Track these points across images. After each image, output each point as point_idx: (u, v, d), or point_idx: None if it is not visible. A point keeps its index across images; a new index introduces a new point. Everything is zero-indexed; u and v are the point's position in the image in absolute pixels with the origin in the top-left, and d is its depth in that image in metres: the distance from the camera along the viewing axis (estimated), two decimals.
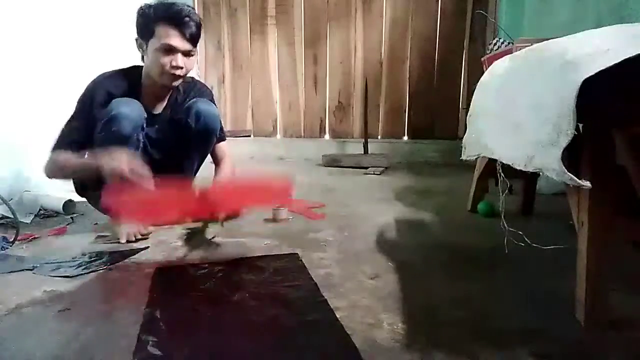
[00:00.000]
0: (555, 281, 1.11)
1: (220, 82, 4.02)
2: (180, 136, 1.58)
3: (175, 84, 1.51)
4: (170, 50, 1.42)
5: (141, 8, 1.44)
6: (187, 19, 1.41)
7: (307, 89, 3.90)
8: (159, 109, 1.60)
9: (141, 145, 1.49)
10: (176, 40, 1.41)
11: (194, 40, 1.46)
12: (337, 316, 0.92)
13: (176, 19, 1.40)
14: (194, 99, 1.59)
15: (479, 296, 1.05)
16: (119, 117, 1.36)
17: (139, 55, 1.51)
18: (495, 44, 2.20)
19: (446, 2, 3.52)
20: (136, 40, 1.48)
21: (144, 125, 1.46)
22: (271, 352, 0.80)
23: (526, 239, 1.23)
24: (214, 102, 1.67)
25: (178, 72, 1.45)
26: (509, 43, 2.09)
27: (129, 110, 1.38)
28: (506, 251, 1.25)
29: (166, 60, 1.42)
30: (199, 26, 1.46)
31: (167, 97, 1.61)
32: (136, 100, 1.44)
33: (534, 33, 2.45)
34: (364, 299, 1.02)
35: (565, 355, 0.81)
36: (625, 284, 1.06)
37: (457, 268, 1.24)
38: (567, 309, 0.94)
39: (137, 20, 1.45)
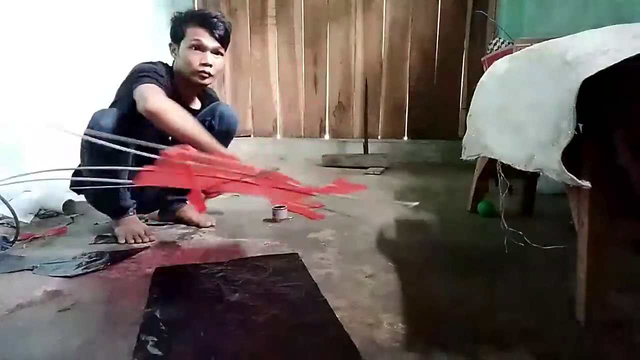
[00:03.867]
0: (555, 281, 1.11)
1: (220, 82, 4.01)
2: None
3: (206, 82, 1.54)
4: (199, 47, 1.47)
5: (174, 14, 1.52)
6: (215, 19, 1.49)
7: (307, 89, 3.90)
8: (196, 105, 1.64)
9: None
10: (205, 38, 1.48)
11: (222, 40, 1.52)
12: (337, 316, 0.92)
13: (206, 19, 1.48)
14: (217, 102, 1.68)
15: (479, 296, 1.05)
16: (101, 129, 1.31)
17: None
18: (495, 44, 2.21)
19: (446, 3, 3.52)
20: (170, 45, 1.54)
21: None
22: (271, 351, 0.80)
23: (526, 239, 1.23)
24: None
25: (207, 69, 1.50)
26: (509, 43, 2.09)
27: (107, 121, 1.35)
28: (506, 251, 1.25)
29: (196, 57, 1.48)
30: (227, 28, 1.53)
31: (199, 96, 1.66)
32: (114, 109, 1.40)
33: (534, 33, 2.45)
34: (364, 299, 1.02)
35: (565, 355, 0.81)
36: (625, 284, 1.06)
37: (457, 268, 1.24)
38: (567, 309, 0.94)
39: (170, 26, 1.52)
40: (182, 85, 1.53)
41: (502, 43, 2.15)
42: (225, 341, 0.82)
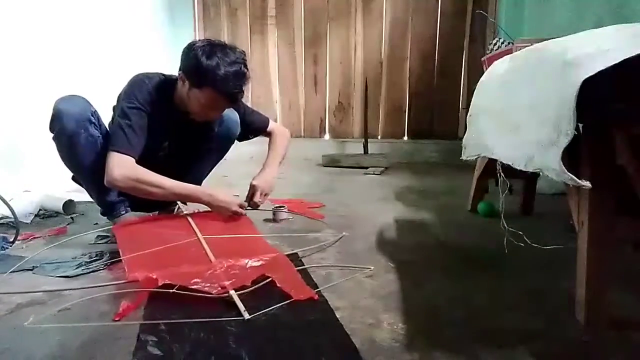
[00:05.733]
0: (555, 281, 1.11)
1: None
2: (202, 139, 1.61)
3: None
4: (214, 107, 1.41)
5: (194, 51, 1.33)
6: (237, 92, 1.37)
7: (307, 89, 3.90)
8: None
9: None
10: (223, 103, 1.42)
11: (237, 102, 1.48)
12: (337, 316, 0.92)
13: (232, 95, 1.37)
14: None
15: (479, 296, 1.05)
16: (59, 115, 1.33)
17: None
18: (495, 44, 2.20)
19: (446, 2, 3.52)
20: (179, 74, 1.40)
21: (92, 120, 1.38)
22: (271, 351, 0.80)
23: (526, 239, 1.23)
24: None
25: (212, 119, 1.51)
26: (509, 43, 2.09)
27: (69, 105, 1.34)
28: (506, 251, 1.25)
29: (206, 111, 1.42)
30: (244, 90, 1.41)
31: None
32: (80, 96, 1.39)
33: (534, 33, 2.45)
34: (364, 299, 1.02)
35: (565, 355, 0.81)
36: (625, 284, 1.07)
37: (457, 268, 1.24)
38: (567, 309, 0.94)
39: (188, 60, 1.35)
40: (182, 105, 1.45)
41: (502, 43, 2.15)
42: (225, 341, 0.82)
